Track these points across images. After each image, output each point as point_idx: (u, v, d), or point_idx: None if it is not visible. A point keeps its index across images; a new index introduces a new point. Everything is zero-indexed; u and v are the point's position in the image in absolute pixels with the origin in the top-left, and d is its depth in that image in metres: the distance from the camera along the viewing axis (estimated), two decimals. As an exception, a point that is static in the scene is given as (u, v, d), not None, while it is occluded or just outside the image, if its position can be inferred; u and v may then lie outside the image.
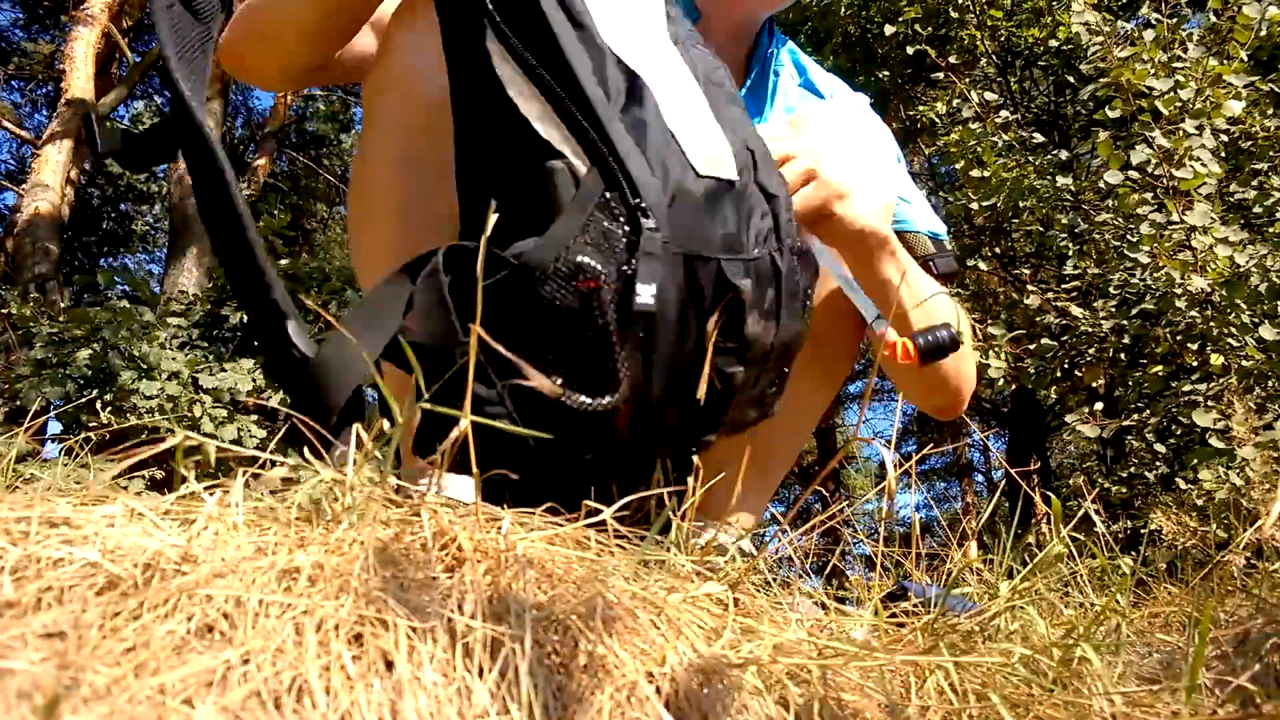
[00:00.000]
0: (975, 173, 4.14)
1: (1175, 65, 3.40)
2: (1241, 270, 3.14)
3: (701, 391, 0.64)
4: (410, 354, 0.52)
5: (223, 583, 0.41)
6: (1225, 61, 3.42)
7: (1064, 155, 4.36)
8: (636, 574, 0.56)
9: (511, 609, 0.44)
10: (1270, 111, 3.73)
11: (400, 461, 0.69)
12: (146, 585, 0.40)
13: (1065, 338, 4.05)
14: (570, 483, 0.61)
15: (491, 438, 0.55)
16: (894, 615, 0.76)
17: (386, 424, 0.54)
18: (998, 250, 5.71)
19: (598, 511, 0.58)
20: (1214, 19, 3.65)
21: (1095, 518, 0.97)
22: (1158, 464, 3.73)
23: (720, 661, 0.51)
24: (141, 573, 0.41)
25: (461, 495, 0.66)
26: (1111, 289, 3.89)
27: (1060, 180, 3.99)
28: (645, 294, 0.57)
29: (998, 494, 1.45)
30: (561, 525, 0.55)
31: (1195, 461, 3.11)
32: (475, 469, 0.50)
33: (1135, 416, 3.70)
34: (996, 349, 3.97)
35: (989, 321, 4.46)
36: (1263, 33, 3.57)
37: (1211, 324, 3.23)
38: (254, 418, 4.20)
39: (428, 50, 0.86)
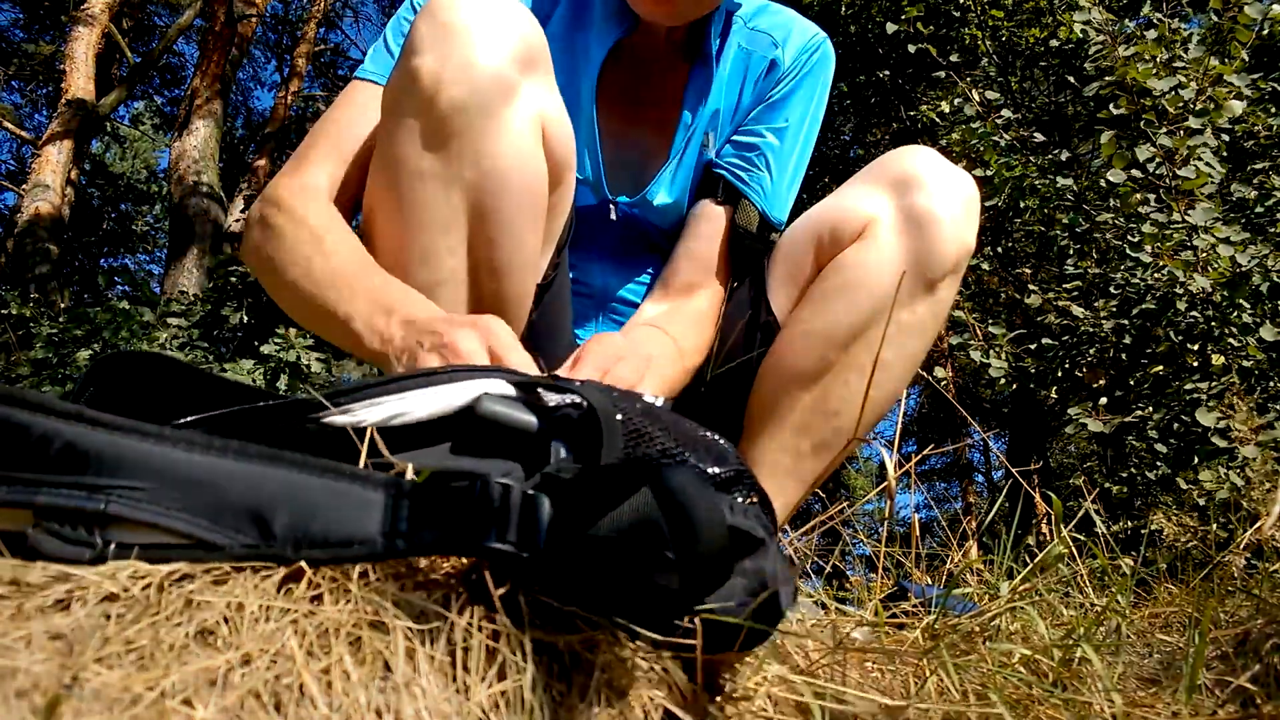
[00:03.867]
0: (977, 172, 4.14)
1: (1176, 65, 3.40)
2: (1243, 270, 3.15)
3: None
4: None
5: (223, 589, 0.41)
6: (1226, 61, 3.42)
7: (1065, 155, 4.36)
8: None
9: (512, 612, 0.44)
10: (1272, 111, 3.72)
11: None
12: (146, 593, 0.40)
13: (1066, 337, 4.05)
14: None
15: None
16: (894, 616, 0.76)
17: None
18: (999, 250, 5.71)
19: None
20: (1215, 19, 3.65)
21: (1096, 518, 0.97)
22: (1158, 464, 3.73)
23: (721, 663, 0.51)
24: (142, 578, 0.41)
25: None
26: (1113, 288, 3.89)
27: (1061, 180, 3.99)
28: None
29: (1001, 495, 1.45)
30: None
31: (1198, 461, 3.11)
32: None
33: (1138, 415, 3.70)
34: (997, 349, 3.97)
35: (989, 321, 4.46)
36: (1264, 32, 3.57)
37: (1213, 324, 3.23)
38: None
39: (449, 54, 0.86)
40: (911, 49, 5.24)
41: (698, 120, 1.22)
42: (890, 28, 5.39)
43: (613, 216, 1.21)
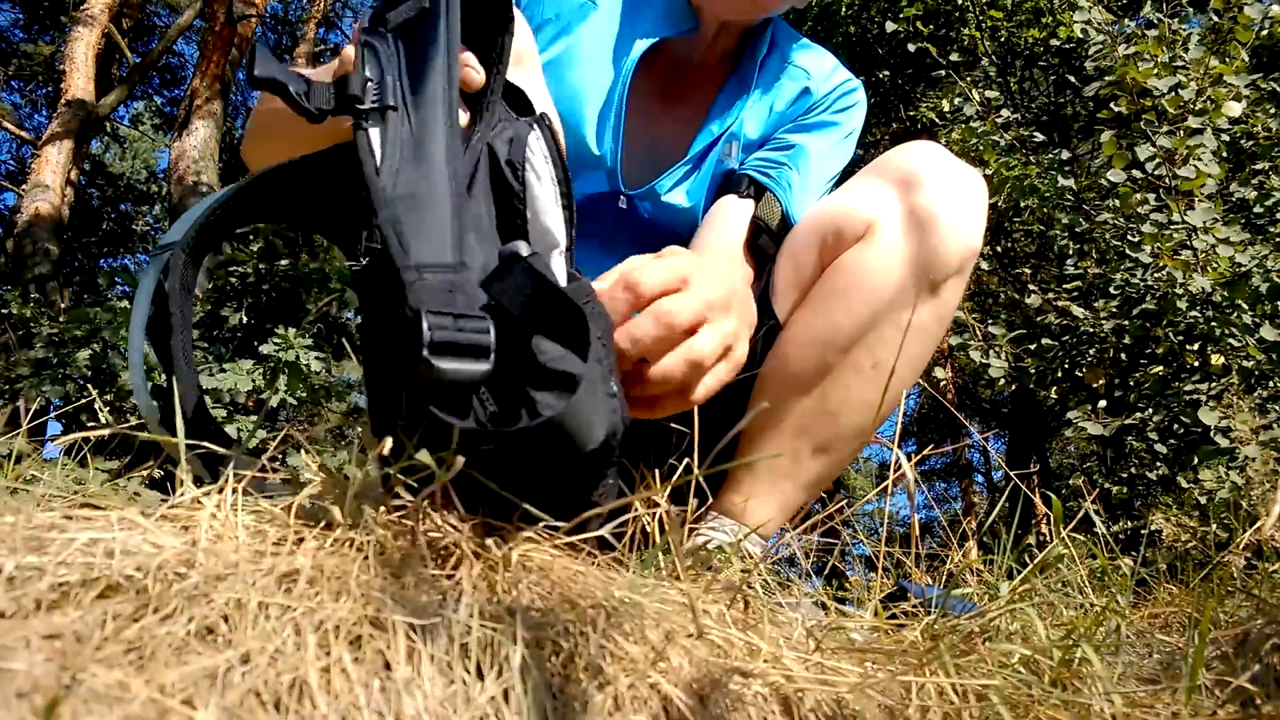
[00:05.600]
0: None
1: (1176, 65, 3.40)
2: (1243, 270, 3.15)
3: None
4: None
5: (223, 585, 0.41)
6: (1226, 61, 3.42)
7: (1065, 155, 4.36)
8: (637, 580, 0.56)
9: (509, 612, 0.44)
10: (1271, 111, 3.72)
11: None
12: (146, 589, 0.40)
13: (1066, 338, 4.05)
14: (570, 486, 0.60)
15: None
16: (894, 616, 0.76)
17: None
18: (998, 250, 5.71)
19: (596, 518, 0.58)
20: (1215, 19, 3.65)
21: (1095, 518, 0.97)
22: (1158, 464, 3.72)
23: (718, 665, 0.51)
24: (142, 577, 0.41)
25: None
26: (1113, 289, 3.88)
27: (1061, 180, 3.99)
28: None
29: (1002, 498, 1.45)
30: (559, 531, 0.55)
31: (1198, 460, 3.11)
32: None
33: (1138, 415, 3.70)
34: (997, 349, 3.97)
35: (989, 321, 4.46)
36: (1264, 32, 3.57)
37: (1213, 324, 3.23)
38: (253, 418, 4.20)
39: None
40: (911, 48, 5.24)
41: (722, 128, 1.23)
42: (889, 27, 5.39)
43: (621, 205, 1.22)
